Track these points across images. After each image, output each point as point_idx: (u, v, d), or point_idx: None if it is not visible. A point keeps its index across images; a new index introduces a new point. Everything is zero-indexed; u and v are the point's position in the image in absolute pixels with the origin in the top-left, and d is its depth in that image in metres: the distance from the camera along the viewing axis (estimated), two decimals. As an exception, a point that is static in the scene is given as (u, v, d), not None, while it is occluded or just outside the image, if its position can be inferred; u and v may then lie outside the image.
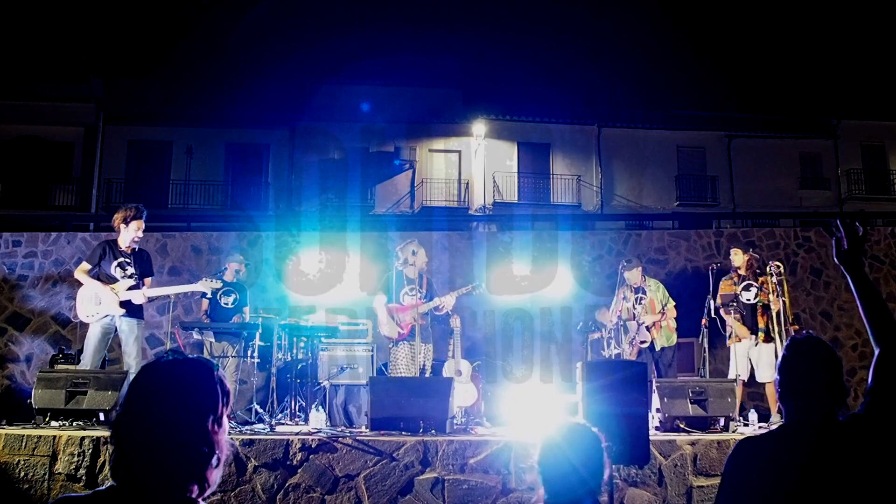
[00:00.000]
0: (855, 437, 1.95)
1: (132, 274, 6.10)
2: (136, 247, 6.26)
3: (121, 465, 1.45)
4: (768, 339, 6.54)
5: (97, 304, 6.00)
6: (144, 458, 1.42)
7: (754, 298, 6.69)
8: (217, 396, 1.51)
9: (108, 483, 1.49)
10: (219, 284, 6.44)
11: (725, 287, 6.83)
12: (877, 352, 2.05)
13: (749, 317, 6.69)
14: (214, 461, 1.47)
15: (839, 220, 2.21)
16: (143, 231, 6.28)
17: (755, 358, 6.62)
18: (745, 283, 6.73)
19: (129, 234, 6.15)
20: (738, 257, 6.87)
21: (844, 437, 1.95)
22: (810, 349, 2.10)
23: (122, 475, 1.45)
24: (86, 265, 6.14)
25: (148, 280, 6.26)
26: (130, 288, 6.03)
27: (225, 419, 1.53)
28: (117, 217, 6.24)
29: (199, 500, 1.46)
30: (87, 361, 5.94)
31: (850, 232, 2.18)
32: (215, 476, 1.49)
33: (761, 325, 6.63)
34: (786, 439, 2.01)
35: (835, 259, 2.20)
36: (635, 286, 7.06)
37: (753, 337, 6.62)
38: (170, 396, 1.46)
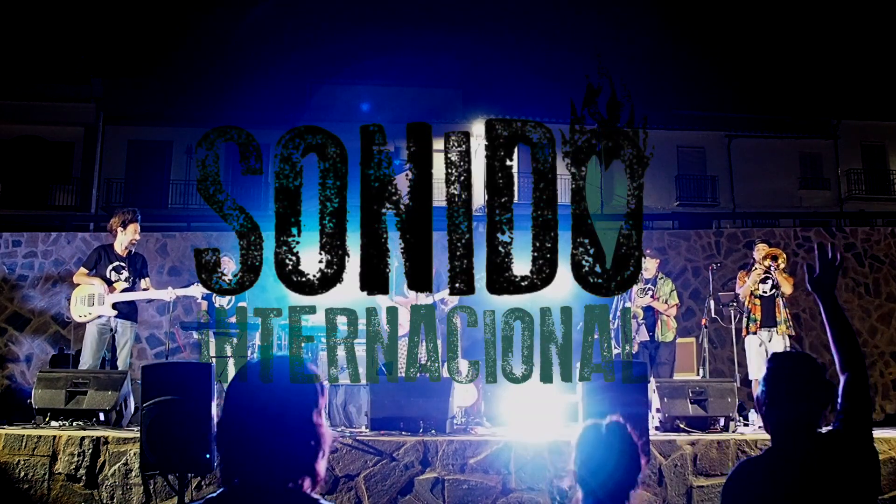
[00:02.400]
0: (837, 452, 2.01)
1: (128, 277, 6.18)
2: (133, 249, 6.31)
3: (234, 468, 1.46)
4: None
5: (90, 305, 6.07)
6: (259, 458, 1.43)
7: (770, 290, 6.70)
8: (316, 389, 1.54)
9: (215, 490, 1.50)
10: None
11: (741, 280, 6.84)
12: (843, 378, 2.10)
13: (768, 309, 6.68)
14: (321, 453, 1.50)
15: (816, 246, 2.23)
16: (140, 233, 6.33)
17: (769, 351, 6.59)
18: (763, 276, 6.73)
19: (126, 237, 6.22)
20: (759, 252, 6.85)
21: (828, 453, 2.01)
22: (792, 365, 2.13)
23: (236, 478, 1.45)
24: (84, 269, 6.24)
25: (145, 281, 6.30)
26: (125, 290, 6.11)
27: (324, 411, 1.56)
28: (114, 221, 6.32)
29: (313, 493, 1.48)
30: (86, 363, 5.99)
31: (824, 257, 2.19)
32: (322, 467, 1.51)
33: (780, 317, 6.63)
34: (775, 459, 2.06)
35: (808, 286, 2.21)
36: (647, 277, 7.09)
37: (768, 330, 6.60)
38: (276, 394, 1.48)
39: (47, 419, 5.38)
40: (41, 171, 21.48)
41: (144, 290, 6.26)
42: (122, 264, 6.21)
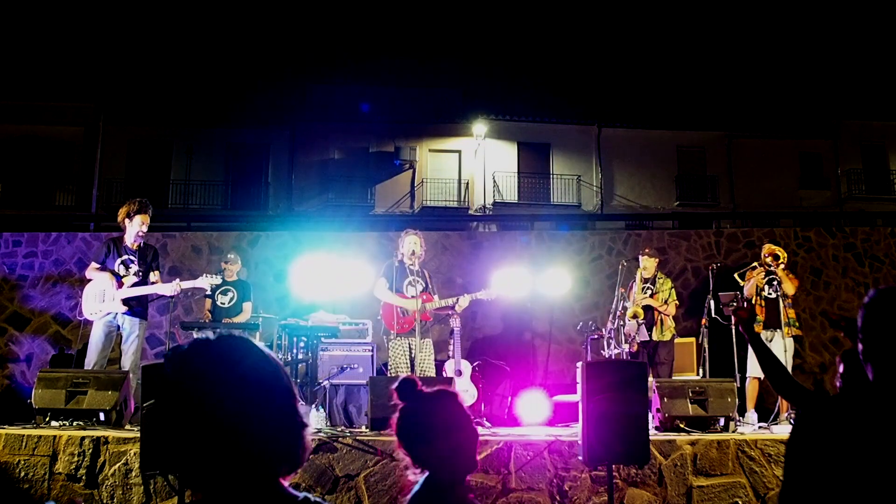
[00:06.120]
0: None
1: (137, 271, 6.07)
2: (142, 242, 6.22)
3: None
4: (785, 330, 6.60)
5: (101, 301, 5.99)
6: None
7: (775, 293, 6.74)
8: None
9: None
10: (219, 280, 6.47)
11: (750, 278, 6.86)
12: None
13: (772, 311, 6.69)
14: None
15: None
16: (148, 227, 6.24)
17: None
18: (768, 277, 6.77)
19: (134, 228, 6.13)
20: (764, 251, 6.88)
21: None
22: None
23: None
24: (94, 264, 6.13)
25: (154, 274, 6.21)
26: (134, 285, 6.02)
27: None
28: (121, 212, 6.23)
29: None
30: (92, 361, 5.94)
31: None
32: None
33: (783, 319, 6.64)
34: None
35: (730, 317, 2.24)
36: (647, 276, 7.11)
37: (772, 331, 6.66)
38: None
39: (47, 419, 5.38)
40: (41, 171, 21.48)
41: (154, 283, 6.13)
42: (132, 258, 6.09)
